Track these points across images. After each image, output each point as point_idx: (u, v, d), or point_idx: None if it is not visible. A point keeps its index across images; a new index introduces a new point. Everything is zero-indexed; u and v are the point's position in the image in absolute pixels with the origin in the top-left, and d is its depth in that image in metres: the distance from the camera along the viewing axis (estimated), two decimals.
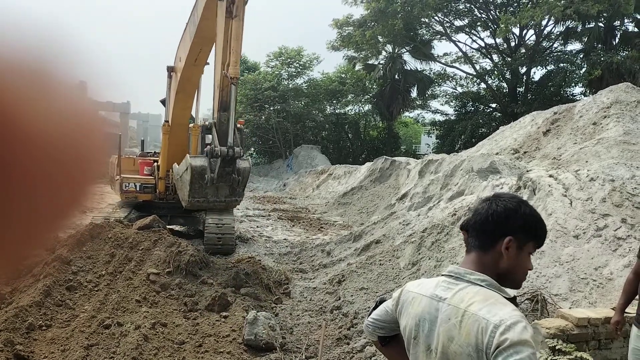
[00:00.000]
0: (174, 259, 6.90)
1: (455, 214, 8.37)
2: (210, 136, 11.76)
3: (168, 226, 9.49)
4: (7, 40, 0.33)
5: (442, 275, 1.72)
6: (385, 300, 2.00)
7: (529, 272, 1.69)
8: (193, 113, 11.70)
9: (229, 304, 6.39)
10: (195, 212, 11.51)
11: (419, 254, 7.64)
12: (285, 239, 12.46)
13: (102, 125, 0.38)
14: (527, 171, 8.91)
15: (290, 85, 35.11)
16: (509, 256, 1.59)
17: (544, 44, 29.28)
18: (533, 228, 1.63)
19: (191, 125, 11.33)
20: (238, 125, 12.80)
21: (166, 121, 11.09)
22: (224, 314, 6.16)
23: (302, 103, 35.78)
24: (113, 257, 6.84)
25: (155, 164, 12.06)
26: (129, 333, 5.24)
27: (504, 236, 1.60)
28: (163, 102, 12.54)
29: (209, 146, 8.41)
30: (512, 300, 1.58)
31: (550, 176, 7.80)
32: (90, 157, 0.36)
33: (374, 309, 2.02)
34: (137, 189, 11.32)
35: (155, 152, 13.98)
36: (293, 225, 15.11)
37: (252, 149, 38.90)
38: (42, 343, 5.05)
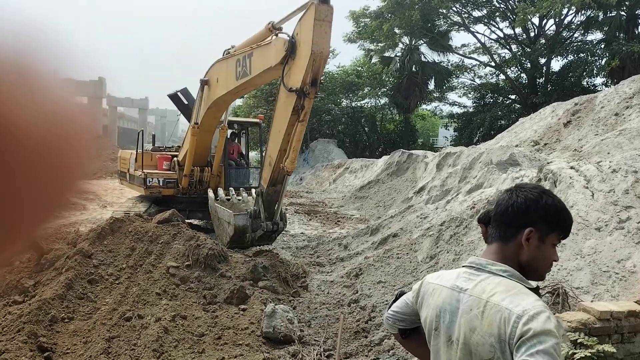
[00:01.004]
0: (193, 252, 6.96)
1: (474, 207, 8.30)
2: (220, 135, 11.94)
3: (187, 220, 9.57)
4: None
5: (463, 266, 1.70)
6: (405, 293, 1.99)
7: (552, 263, 1.64)
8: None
9: (247, 296, 6.43)
10: None
11: (437, 247, 7.59)
12: (302, 233, 12.49)
13: (89, 121, 0.37)
14: (548, 163, 8.78)
15: None
16: (530, 248, 1.56)
17: (564, 34, 28.76)
18: (555, 218, 1.58)
19: (219, 126, 11.50)
20: (257, 120, 12.89)
21: (196, 123, 11.10)
22: (243, 306, 6.20)
23: (318, 97, 35.67)
24: (133, 251, 6.92)
25: (175, 159, 12.18)
26: (149, 325, 5.31)
27: (524, 227, 1.57)
28: (172, 97, 12.61)
29: (252, 208, 8.82)
30: (535, 290, 1.56)
31: (572, 168, 7.68)
32: (75, 152, 0.35)
33: (394, 301, 2.01)
34: (161, 184, 11.48)
35: (166, 146, 14.09)
36: (310, 219, 15.13)
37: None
38: (64, 335, 5.15)
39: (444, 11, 30.28)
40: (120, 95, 57.38)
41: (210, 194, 10.59)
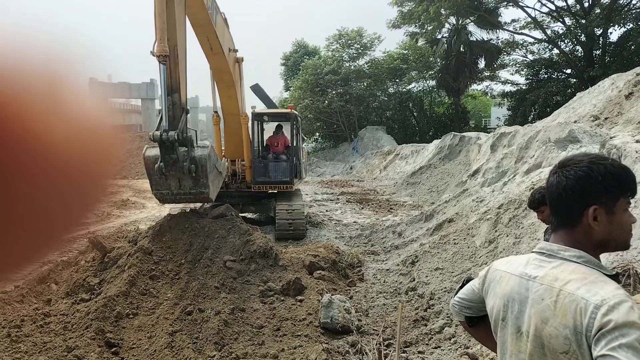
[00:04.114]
0: (247, 246, 7.06)
1: (533, 188, 7.96)
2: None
3: (240, 214, 9.71)
4: (14, 44, 0.32)
5: (533, 252, 1.58)
6: (472, 279, 1.90)
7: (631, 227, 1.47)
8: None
9: (303, 288, 6.45)
10: (266, 199, 11.72)
11: (496, 231, 7.34)
12: (355, 222, 12.43)
13: (110, 122, 0.36)
14: (611, 138, 8.30)
15: (352, 67, 34.80)
16: (601, 225, 1.41)
17: (621, 1, 27.08)
18: (616, 184, 1.41)
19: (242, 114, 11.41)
20: (287, 111, 12.39)
21: (215, 112, 11.34)
22: (299, 297, 6.23)
23: (365, 84, 35.41)
24: (191, 246, 7.08)
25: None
26: (209, 319, 5.41)
27: (587, 207, 1.42)
28: (254, 88, 13.43)
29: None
30: (614, 277, 1.42)
31: (637, 141, 7.22)
32: (99, 155, 0.34)
33: (461, 287, 1.93)
34: None
35: None
36: (362, 208, 15.04)
37: (317, 133, 39.03)
38: (130, 331, 5.33)
39: None
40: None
41: None
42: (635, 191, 1.45)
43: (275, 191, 11.59)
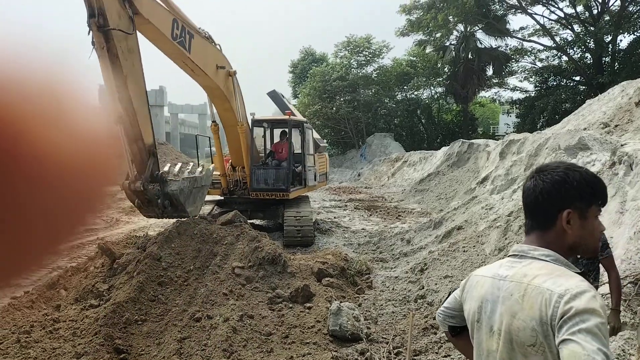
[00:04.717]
0: (253, 253, 7.05)
1: None
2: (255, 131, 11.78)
3: (249, 220, 9.71)
4: (16, 56, 0.32)
5: (507, 255, 1.63)
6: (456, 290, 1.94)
7: (600, 234, 1.59)
8: None
9: (312, 295, 6.43)
10: (274, 206, 11.70)
11: (506, 239, 7.29)
12: (363, 229, 12.40)
13: (113, 152, 0.36)
14: (622, 145, 8.24)
15: (360, 74, 34.87)
16: (574, 229, 1.48)
17: (631, 9, 26.95)
18: (589, 191, 1.49)
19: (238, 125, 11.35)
20: (285, 117, 12.26)
21: (213, 121, 11.33)
22: (308, 305, 6.20)
23: (373, 91, 35.46)
24: (200, 253, 7.08)
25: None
26: (218, 325, 5.40)
27: (561, 210, 1.49)
28: (271, 95, 13.70)
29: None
30: (582, 274, 1.48)
31: None
32: (99, 162, 0.34)
33: (447, 298, 1.95)
34: None
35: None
36: (370, 215, 15.01)
37: (325, 140, 39.06)
38: (138, 337, 5.32)
39: None
40: (180, 102, 59.20)
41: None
42: (605, 200, 1.54)
43: (274, 198, 11.38)
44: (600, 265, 3.88)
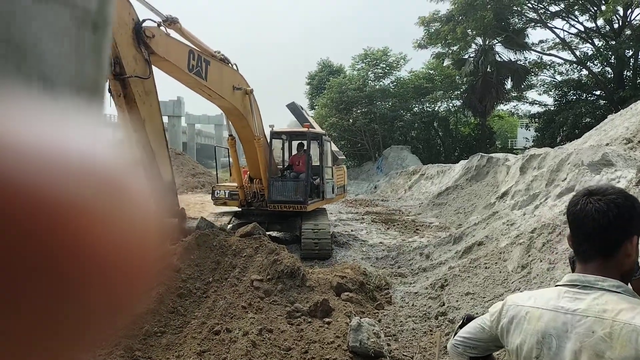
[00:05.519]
0: (272, 266, 7.01)
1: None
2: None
3: (267, 232, 9.68)
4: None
5: (560, 285, 1.55)
6: (472, 317, 1.86)
7: None
8: None
9: (331, 309, 6.36)
10: (292, 218, 11.66)
11: (529, 256, 7.15)
12: (381, 242, 12.28)
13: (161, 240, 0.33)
14: None
15: (377, 86, 34.90)
16: (633, 256, 1.47)
17: None
18: None
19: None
20: (304, 130, 12.32)
21: (230, 135, 11.32)
22: (327, 319, 6.13)
23: (390, 103, 35.44)
24: (218, 265, 7.06)
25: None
26: (237, 339, 5.36)
27: (629, 237, 1.46)
28: (291, 107, 13.84)
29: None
30: None
31: None
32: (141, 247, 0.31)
33: (461, 327, 1.87)
34: (226, 196, 11.67)
35: None
36: (388, 228, 14.88)
37: (342, 152, 39.05)
38: (158, 349, 5.30)
39: (519, 8, 29.07)
40: (197, 113, 59.84)
41: None
42: None
43: (292, 210, 11.29)
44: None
